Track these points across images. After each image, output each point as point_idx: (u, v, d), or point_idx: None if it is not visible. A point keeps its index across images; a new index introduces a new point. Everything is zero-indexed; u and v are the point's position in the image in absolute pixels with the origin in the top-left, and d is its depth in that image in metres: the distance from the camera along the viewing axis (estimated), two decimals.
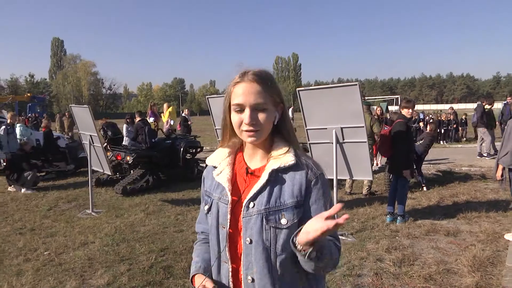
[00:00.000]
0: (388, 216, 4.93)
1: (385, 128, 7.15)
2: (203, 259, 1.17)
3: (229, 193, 1.06)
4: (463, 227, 4.62)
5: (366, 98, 7.69)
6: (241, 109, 1.00)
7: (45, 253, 4.03)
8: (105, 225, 4.96)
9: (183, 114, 12.63)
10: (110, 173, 5.86)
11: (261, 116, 1.00)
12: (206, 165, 1.19)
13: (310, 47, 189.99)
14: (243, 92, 1.00)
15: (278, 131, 1.08)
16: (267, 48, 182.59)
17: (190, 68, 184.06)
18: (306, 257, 0.90)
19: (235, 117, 1.02)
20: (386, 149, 4.99)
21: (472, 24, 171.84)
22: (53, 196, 6.73)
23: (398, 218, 4.86)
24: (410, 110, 4.88)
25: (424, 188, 6.64)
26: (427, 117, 15.81)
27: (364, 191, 6.46)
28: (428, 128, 7.65)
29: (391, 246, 3.99)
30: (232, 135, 1.11)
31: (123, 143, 8.92)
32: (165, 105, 11.14)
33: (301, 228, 0.90)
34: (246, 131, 1.01)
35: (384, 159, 6.01)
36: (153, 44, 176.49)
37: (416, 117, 15.30)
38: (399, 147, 4.79)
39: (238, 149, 1.15)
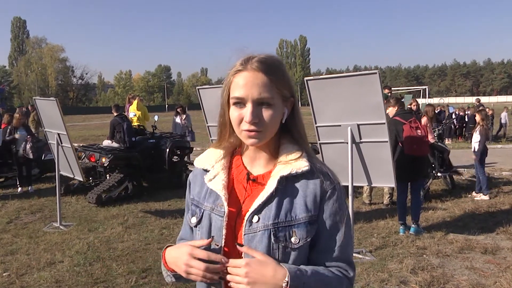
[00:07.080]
0: (401, 227, 5.05)
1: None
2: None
3: (225, 204, 1.04)
4: (504, 244, 4.62)
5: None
6: (242, 103, 0.99)
7: (4, 274, 4.03)
8: (75, 241, 4.96)
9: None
10: (81, 179, 5.86)
11: (266, 114, 0.98)
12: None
13: (321, 28, 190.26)
14: (245, 84, 0.98)
15: (287, 130, 1.07)
16: (269, 30, 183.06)
17: (177, 54, 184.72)
18: None
19: (234, 113, 1.00)
20: (426, 148, 5.19)
21: None
22: (13, 207, 6.73)
23: (412, 226, 4.97)
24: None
25: (483, 197, 6.61)
26: (461, 112, 15.82)
27: (385, 201, 6.46)
28: (478, 117, 7.03)
29: (418, 266, 4.00)
30: (231, 135, 1.09)
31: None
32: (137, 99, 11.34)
33: None
34: (247, 130, 0.99)
35: None
36: (133, 25, 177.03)
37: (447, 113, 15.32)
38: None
39: (235, 150, 1.14)
